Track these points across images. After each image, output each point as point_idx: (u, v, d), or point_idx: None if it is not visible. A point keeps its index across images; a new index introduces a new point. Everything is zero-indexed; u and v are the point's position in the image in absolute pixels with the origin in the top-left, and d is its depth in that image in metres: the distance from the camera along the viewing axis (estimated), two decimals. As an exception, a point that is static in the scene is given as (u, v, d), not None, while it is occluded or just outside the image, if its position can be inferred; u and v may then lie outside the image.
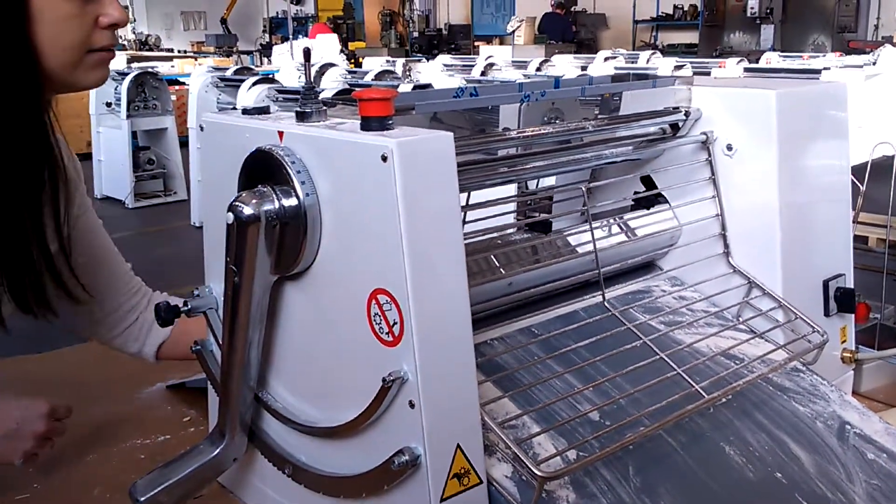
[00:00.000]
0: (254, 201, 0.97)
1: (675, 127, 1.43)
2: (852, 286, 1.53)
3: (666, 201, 1.49)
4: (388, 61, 9.59)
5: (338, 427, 1.03)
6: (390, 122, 0.94)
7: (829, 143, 1.49)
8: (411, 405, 0.94)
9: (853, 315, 1.56)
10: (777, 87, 1.38)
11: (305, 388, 1.11)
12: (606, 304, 1.32)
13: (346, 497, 1.06)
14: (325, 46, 10.85)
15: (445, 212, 0.93)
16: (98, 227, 1.43)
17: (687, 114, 1.40)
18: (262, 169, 1.01)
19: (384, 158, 0.88)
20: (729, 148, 1.40)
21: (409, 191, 0.89)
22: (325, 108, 1.04)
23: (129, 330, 1.44)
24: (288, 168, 0.98)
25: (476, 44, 15.76)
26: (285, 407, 1.13)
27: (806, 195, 1.44)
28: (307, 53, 1.04)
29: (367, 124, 0.93)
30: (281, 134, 1.01)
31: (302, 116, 1.03)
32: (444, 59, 9.93)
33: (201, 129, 1.16)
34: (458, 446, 0.97)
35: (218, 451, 1.16)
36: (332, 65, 7.83)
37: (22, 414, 1.24)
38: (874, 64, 6.12)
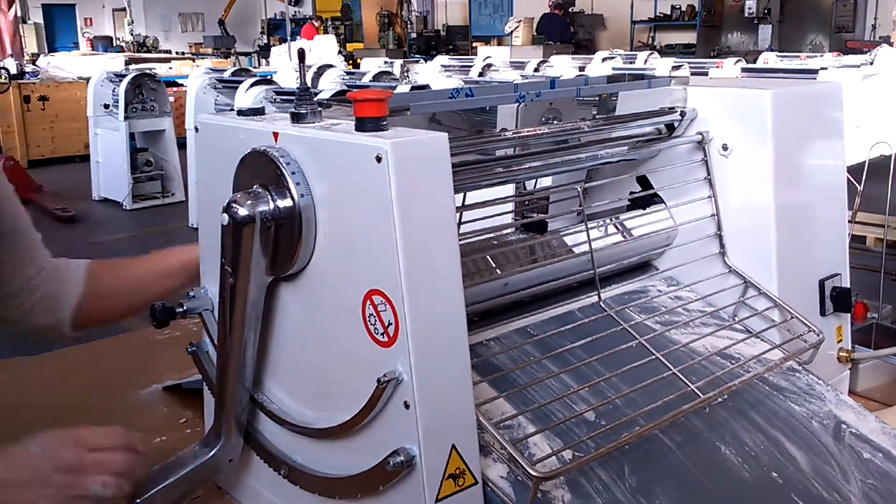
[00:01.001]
0: (248, 202, 0.97)
1: (670, 127, 1.43)
2: (848, 286, 1.53)
3: (662, 201, 1.50)
4: (386, 62, 9.60)
5: (333, 428, 1.03)
6: (385, 122, 0.94)
7: (824, 142, 1.49)
8: (406, 406, 0.94)
9: (849, 314, 1.56)
10: (772, 87, 1.39)
11: (301, 389, 1.11)
12: (602, 304, 1.32)
13: (342, 498, 1.06)
14: (324, 48, 10.86)
15: (440, 212, 0.93)
16: (5, 198, 1.29)
17: (682, 114, 1.40)
18: (257, 170, 1.01)
19: (378, 159, 0.88)
20: (724, 148, 1.40)
21: (404, 191, 0.89)
22: (320, 108, 1.04)
23: (36, 303, 1.32)
24: (283, 169, 0.98)
25: (474, 44, 15.77)
26: (281, 408, 1.13)
27: (801, 195, 1.44)
28: (301, 54, 1.04)
29: (362, 125, 0.93)
30: (276, 135, 1.02)
31: (296, 117, 1.03)
32: (442, 59, 9.94)
33: (196, 130, 1.16)
34: (454, 447, 0.97)
35: (214, 452, 1.16)
36: (329, 66, 7.83)
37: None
38: (871, 64, 6.12)
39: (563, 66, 8.61)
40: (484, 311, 1.27)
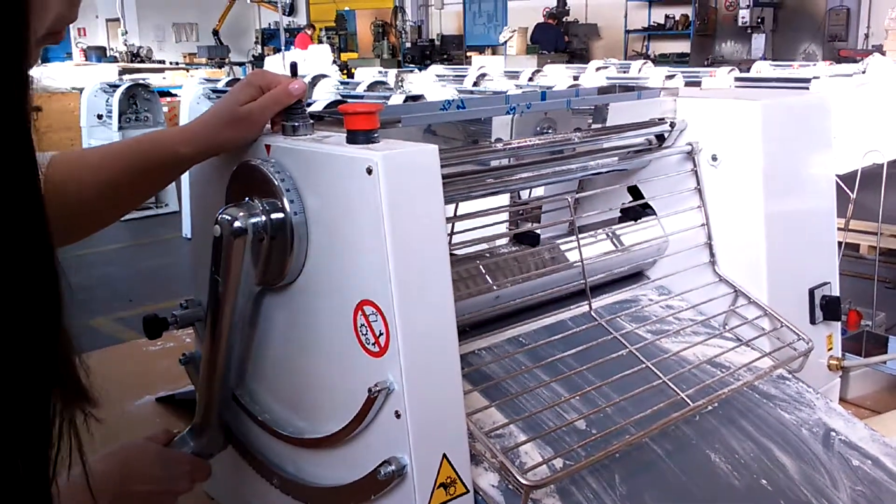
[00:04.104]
0: (241, 214, 0.98)
1: (660, 138, 1.44)
2: (838, 294, 1.54)
3: (653, 211, 1.51)
4: (380, 72, 9.61)
5: (324, 437, 1.04)
6: (376, 135, 0.95)
7: (813, 153, 1.50)
8: (397, 415, 0.95)
9: (839, 323, 1.57)
10: (762, 97, 1.40)
11: (292, 399, 1.12)
12: (593, 313, 1.33)
13: (333, 507, 1.07)
14: (318, 58, 10.88)
15: (431, 224, 0.94)
16: None
17: (672, 125, 1.41)
18: (250, 182, 1.02)
19: (369, 171, 0.89)
20: (714, 158, 1.41)
21: (394, 203, 0.90)
22: (312, 121, 1.05)
23: None
24: (275, 181, 0.98)
25: (468, 54, 15.81)
26: (273, 418, 1.14)
27: (791, 204, 1.45)
28: (294, 68, 1.05)
29: (353, 137, 0.94)
30: (268, 147, 1.02)
31: (288, 130, 1.04)
32: (436, 69, 9.96)
33: (190, 142, 1.16)
34: (445, 456, 0.98)
35: (196, 446, 1.16)
36: (324, 76, 7.84)
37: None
38: (863, 73, 6.16)
39: (558, 75, 8.62)
40: (475, 321, 1.27)
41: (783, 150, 1.42)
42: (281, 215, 0.98)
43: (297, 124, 1.03)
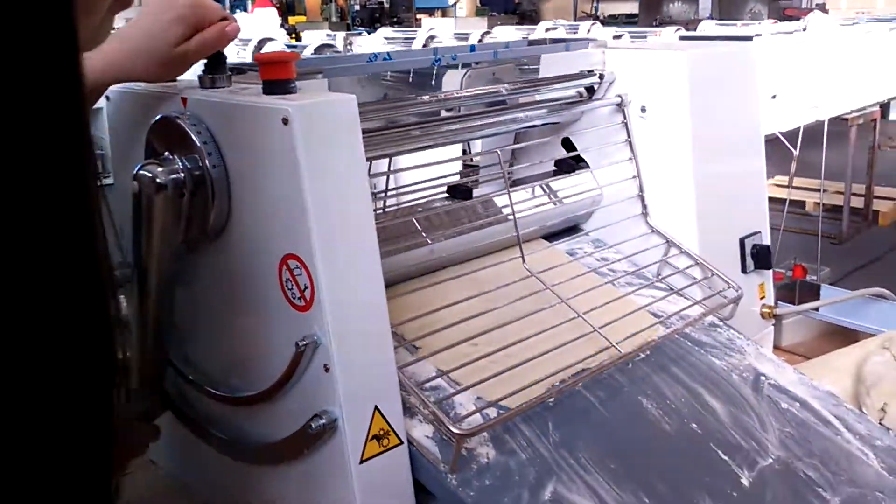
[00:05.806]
0: (159, 170, 0.96)
1: (591, 90, 1.44)
2: (768, 243, 1.57)
3: (587, 165, 1.51)
4: (328, 35, 9.45)
5: (256, 395, 1.03)
6: (292, 85, 0.93)
7: (740, 102, 1.51)
8: (326, 369, 0.94)
9: (771, 271, 1.60)
10: (688, 48, 1.41)
11: (224, 358, 1.11)
12: (526, 267, 1.33)
13: (267, 464, 1.06)
14: (265, 20, 10.67)
15: (350, 174, 0.93)
16: None
17: (601, 76, 1.42)
18: (168, 137, 1.00)
19: (285, 122, 0.88)
20: (643, 110, 1.42)
21: (312, 154, 0.89)
22: (230, 73, 1.03)
23: None
24: (192, 135, 0.96)
25: (418, 16, 15.62)
26: (205, 377, 1.13)
27: (719, 155, 1.47)
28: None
29: (269, 88, 0.93)
30: (184, 100, 1.00)
31: (206, 82, 1.01)
32: (385, 32, 9.81)
33: (107, 99, 1.14)
34: (376, 408, 0.98)
35: (135, 411, 1.15)
36: (270, 39, 7.69)
37: None
38: (804, 30, 6.22)
39: (507, 36, 8.55)
40: (410, 276, 1.27)
41: (711, 100, 1.43)
42: (199, 169, 0.97)
43: (214, 76, 1.01)
